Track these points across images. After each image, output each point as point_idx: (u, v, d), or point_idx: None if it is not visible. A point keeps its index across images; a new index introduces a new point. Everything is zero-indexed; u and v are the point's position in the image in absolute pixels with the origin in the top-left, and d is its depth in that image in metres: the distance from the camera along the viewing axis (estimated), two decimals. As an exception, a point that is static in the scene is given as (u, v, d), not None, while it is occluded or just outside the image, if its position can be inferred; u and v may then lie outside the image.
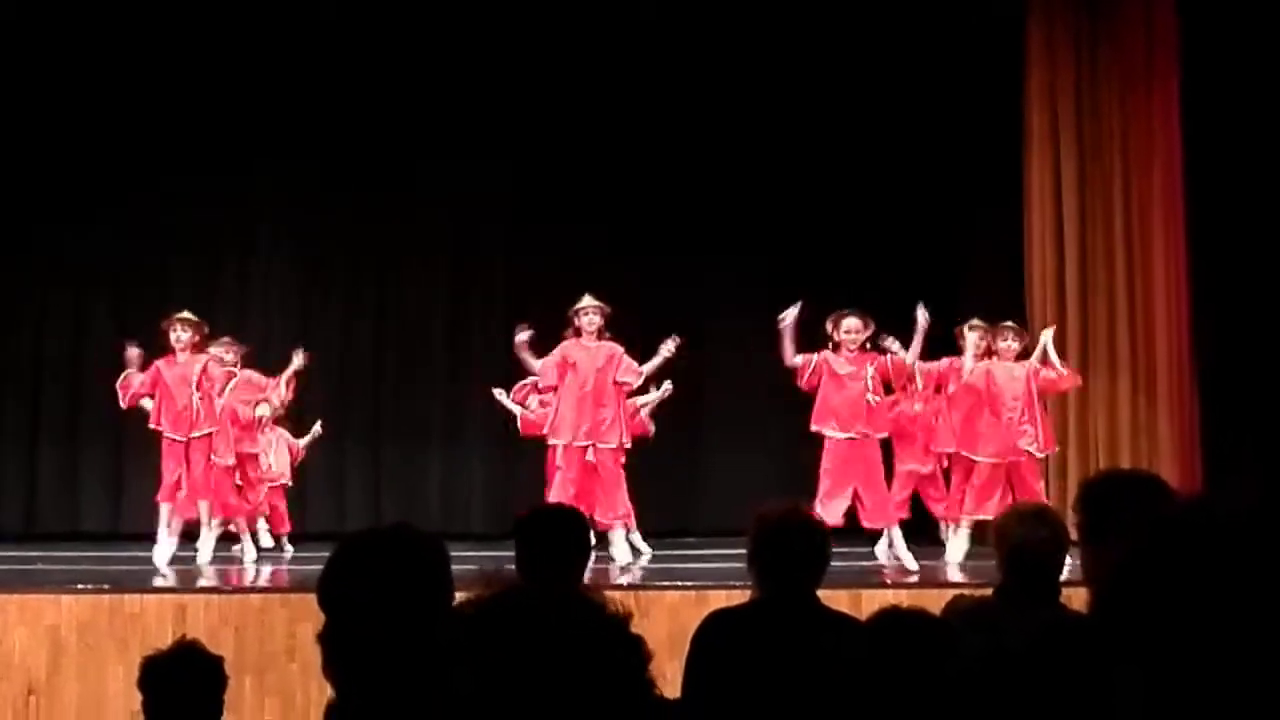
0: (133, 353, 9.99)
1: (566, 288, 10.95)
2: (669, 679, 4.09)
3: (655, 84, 11.91)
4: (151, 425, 9.94)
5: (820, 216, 11.97)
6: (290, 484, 10.95)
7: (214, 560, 9.86)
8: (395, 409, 12.43)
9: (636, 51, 11.87)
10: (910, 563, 9.37)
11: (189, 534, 9.98)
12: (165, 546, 9.71)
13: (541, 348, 10.04)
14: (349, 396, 12.36)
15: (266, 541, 10.73)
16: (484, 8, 11.79)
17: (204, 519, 9.95)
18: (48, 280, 12.32)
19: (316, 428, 11.12)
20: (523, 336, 9.98)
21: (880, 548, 9.68)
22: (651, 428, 10.47)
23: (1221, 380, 10.95)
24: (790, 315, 9.59)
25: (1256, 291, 10.94)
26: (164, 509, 9.84)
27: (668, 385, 10.20)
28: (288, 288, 12.48)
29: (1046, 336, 9.91)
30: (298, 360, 10.59)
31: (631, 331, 10.16)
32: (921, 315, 9.60)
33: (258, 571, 9.97)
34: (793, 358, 9.61)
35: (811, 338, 9.84)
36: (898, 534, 9.57)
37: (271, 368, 10.82)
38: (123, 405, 10.14)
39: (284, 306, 12.43)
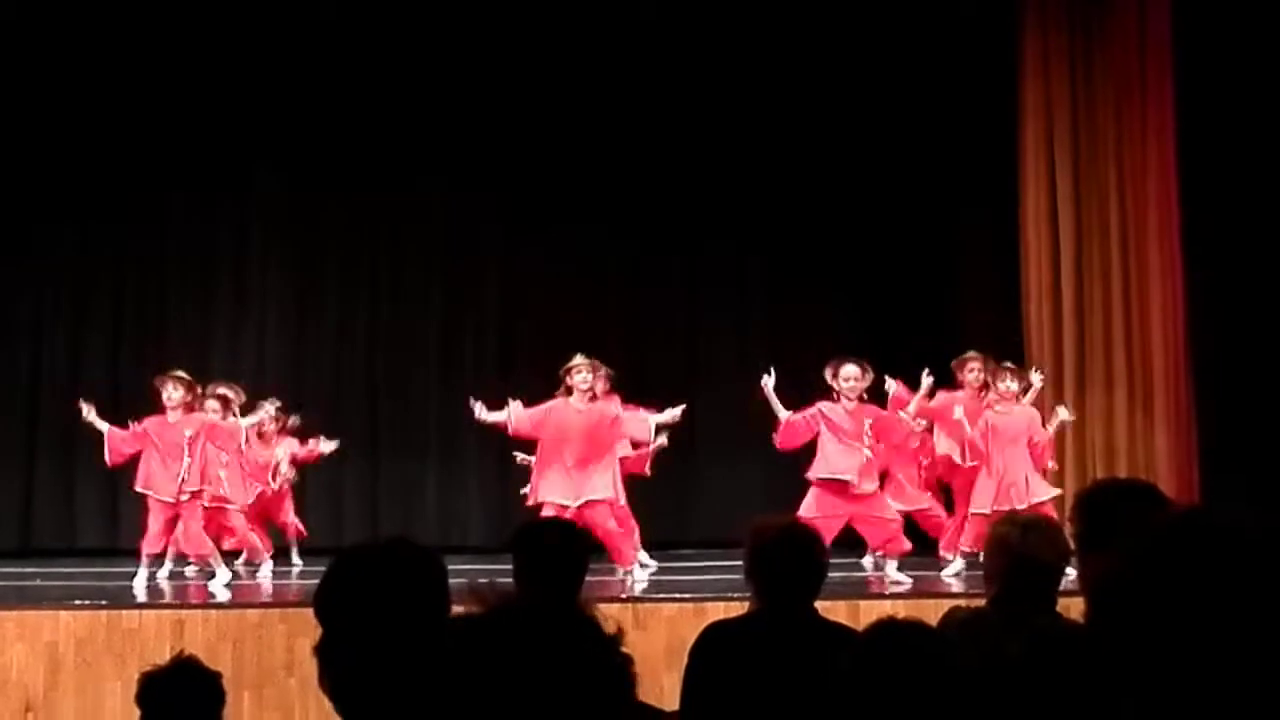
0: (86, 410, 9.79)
1: (561, 295, 10.98)
2: (667, 691, 4.09)
3: (651, 89, 11.94)
4: (138, 488, 9.76)
5: (817, 231, 11.98)
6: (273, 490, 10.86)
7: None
8: (391, 420, 12.42)
9: (632, 57, 11.89)
10: (902, 580, 9.26)
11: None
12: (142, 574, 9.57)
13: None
14: (345, 408, 12.35)
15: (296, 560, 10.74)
16: (477, 13, 11.81)
17: (213, 562, 9.77)
18: (42, 290, 12.32)
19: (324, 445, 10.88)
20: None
21: (867, 561, 9.61)
22: (649, 470, 10.22)
23: (1218, 393, 10.94)
24: (767, 384, 9.35)
25: (1253, 303, 10.94)
26: (147, 556, 9.61)
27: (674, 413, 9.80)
28: (284, 299, 12.47)
29: (1062, 413, 9.78)
30: (267, 409, 10.25)
31: (630, 337, 10.10)
32: (926, 380, 9.44)
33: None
34: (782, 413, 9.37)
35: (806, 352, 9.85)
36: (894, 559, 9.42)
37: (272, 376, 10.84)
38: (109, 462, 9.90)
39: (280, 316, 12.43)
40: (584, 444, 9.30)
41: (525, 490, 9.75)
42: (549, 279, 11.90)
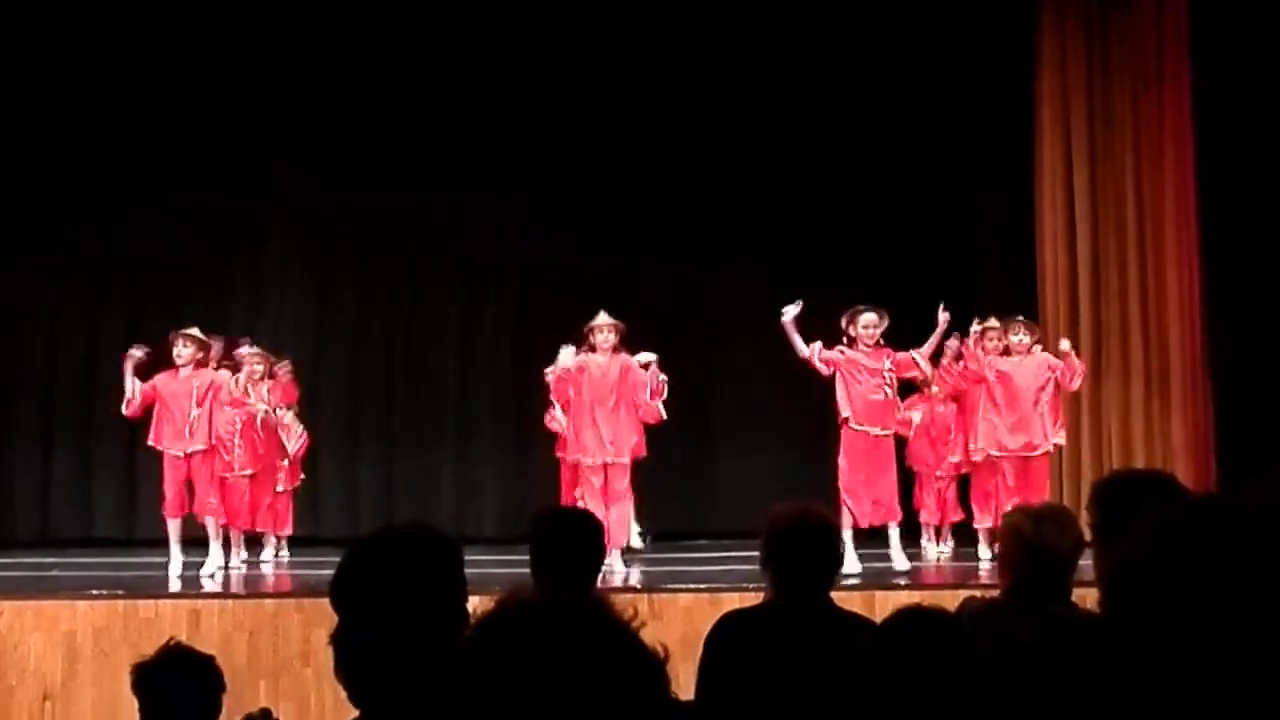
0: (135, 354, 9.79)
1: (579, 287, 10.97)
2: (682, 681, 4.09)
3: (664, 84, 11.91)
4: (150, 443, 9.85)
5: (832, 219, 11.96)
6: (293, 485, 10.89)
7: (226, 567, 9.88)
8: (407, 413, 12.43)
9: (645, 51, 11.87)
10: (902, 563, 9.37)
11: (200, 541, 9.97)
12: (178, 562, 9.65)
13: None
14: (361, 400, 12.37)
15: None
16: (492, 12, 11.81)
17: (211, 534, 9.83)
18: (60, 282, 12.35)
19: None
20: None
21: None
22: (663, 412, 10.16)
23: (1235, 381, 10.92)
24: (790, 312, 9.56)
25: (1271, 292, 10.91)
26: (172, 525, 9.73)
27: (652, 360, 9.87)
28: (301, 294, 12.48)
29: (1066, 344, 9.96)
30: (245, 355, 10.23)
31: (643, 333, 10.14)
32: (942, 316, 9.60)
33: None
34: (804, 349, 9.57)
35: (820, 335, 9.85)
36: (895, 532, 9.55)
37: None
38: (126, 413, 9.93)
39: (297, 310, 12.44)
40: (612, 394, 9.66)
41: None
42: (565, 273, 11.89)
